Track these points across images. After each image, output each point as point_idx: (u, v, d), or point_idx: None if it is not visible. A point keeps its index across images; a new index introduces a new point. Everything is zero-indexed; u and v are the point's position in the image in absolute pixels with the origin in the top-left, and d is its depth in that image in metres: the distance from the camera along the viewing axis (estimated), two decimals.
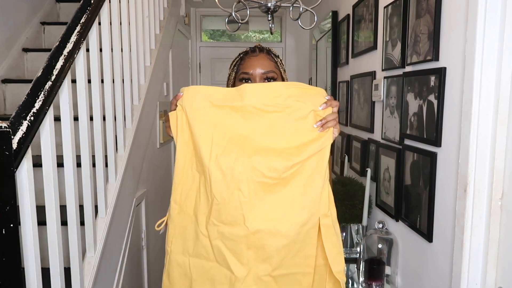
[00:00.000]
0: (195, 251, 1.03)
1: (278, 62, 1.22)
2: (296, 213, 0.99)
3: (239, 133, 1.00)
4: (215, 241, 1.00)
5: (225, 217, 0.98)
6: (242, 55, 1.23)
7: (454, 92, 1.25)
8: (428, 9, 1.40)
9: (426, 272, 1.44)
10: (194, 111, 1.01)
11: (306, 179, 1.00)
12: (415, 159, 1.50)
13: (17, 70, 2.79)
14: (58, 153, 1.31)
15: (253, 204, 0.97)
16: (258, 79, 1.15)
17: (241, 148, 0.99)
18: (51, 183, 1.27)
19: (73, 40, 1.38)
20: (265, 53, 1.21)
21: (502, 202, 1.12)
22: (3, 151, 0.99)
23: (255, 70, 1.15)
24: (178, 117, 1.03)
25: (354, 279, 1.82)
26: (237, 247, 0.99)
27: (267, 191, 0.99)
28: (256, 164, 0.98)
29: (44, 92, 1.21)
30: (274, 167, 0.98)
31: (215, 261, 1.01)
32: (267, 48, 1.25)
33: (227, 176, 0.97)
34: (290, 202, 0.99)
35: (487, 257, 1.14)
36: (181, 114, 1.03)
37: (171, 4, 3.18)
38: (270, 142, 1.00)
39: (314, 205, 1.00)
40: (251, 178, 0.97)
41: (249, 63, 1.17)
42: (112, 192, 1.81)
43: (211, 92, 1.02)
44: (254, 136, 1.00)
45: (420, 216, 1.45)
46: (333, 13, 2.92)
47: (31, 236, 1.15)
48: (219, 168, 0.98)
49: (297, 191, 0.99)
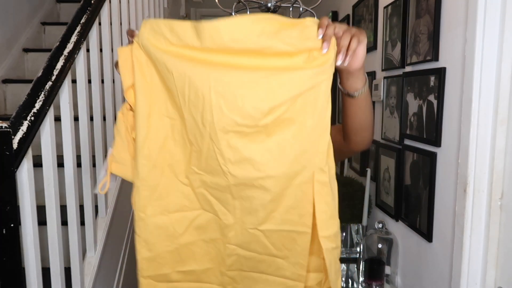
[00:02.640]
0: (176, 205, 0.90)
1: None
2: (282, 166, 0.83)
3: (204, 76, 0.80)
4: (199, 189, 0.88)
5: (205, 166, 0.85)
6: None
7: (454, 92, 1.25)
8: (428, 9, 1.40)
9: (426, 272, 1.44)
10: (155, 49, 0.81)
11: (296, 126, 0.82)
12: (415, 159, 1.50)
13: (17, 70, 2.79)
14: (58, 153, 1.31)
15: (230, 156, 0.82)
16: None
17: (208, 92, 0.79)
18: (51, 183, 1.27)
19: (73, 40, 1.39)
20: None
21: (502, 202, 1.12)
22: (4, 151, 1.00)
23: None
24: (134, 56, 0.83)
25: (354, 279, 1.82)
26: (222, 195, 0.87)
27: (248, 140, 0.82)
28: (225, 109, 0.79)
29: (44, 92, 1.21)
30: (248, 113, 0.79)
31: (201, 208, 0.90)
32: None
33: (198, 123, 0.82)
34: (276, 153, 0.82)
35: (487, 257, 1.14)
36: (139, 52, 0.83)
37: (171, 4, 3.18)
38: (240, 81, 0.80)
39: (307, 157, 0.83)
40: (222, 127, 0.80)
41: None
42: (112, 192, 1.81)
43: (174, 27, 0.80)
44: (222, 77, 0.80)
45: (420, 216, 1.46)
46: (333, 13, 2.93)
47: (31, 236, 1.15)
48: (190, 113, 0.82)
49: (285, 140, 0.82)
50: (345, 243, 1.94)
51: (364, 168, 2.08)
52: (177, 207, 0.90)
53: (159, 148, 0.88)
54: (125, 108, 0.89)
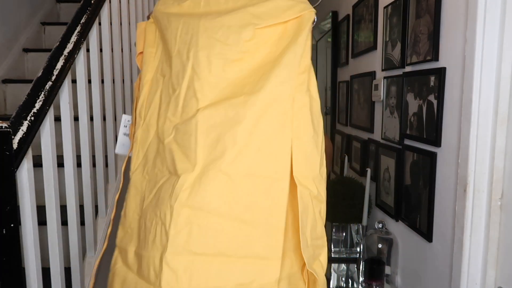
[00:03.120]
0: (154, 168, 0.95)
1: None
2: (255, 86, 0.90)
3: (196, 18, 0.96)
4: (169, 145, 0.91)
5: (181, 109, 0.91)
6: None
7: (454, 92, 1.25)
8: (428, 9, 1.40)
9: (426, 272, 1.44)
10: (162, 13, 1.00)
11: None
12: (415, 159, 1.50)
13: (17, 70, 2.79)
14: (58, 153, 1.31)
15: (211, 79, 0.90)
16: None
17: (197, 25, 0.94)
18: (51, 183, 1.27)
19: (73, 40, 1.39)
20: None
21: (501, 202, 1.12)
22: (4, 151, 1.00)
23: None
24: (147, 30, 1.02)
25: (354, 279, 1.82)
26: (188, 140, 0.88)
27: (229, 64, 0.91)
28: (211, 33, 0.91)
29: (44, 92, 1.21)
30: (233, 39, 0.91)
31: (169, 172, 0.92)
32: None
33: (183, 57, 0.92)
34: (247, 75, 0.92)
35: (486, 257, 1.14)
36: (152, 27, 1.02)
37: None
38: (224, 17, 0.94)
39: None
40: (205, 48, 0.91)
41: None
42: (112, 192, 1.81)
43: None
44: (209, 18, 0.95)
45: (420, 216, 1.46)
46: (333, 13, 2.93)
47: (31, 236, 1.15)
48: (178, 53, 0.93)
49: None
50: (345, 243, 1.94)
51: (364, 168, 2.08)
52: (153, 171, 0.96)
53: (150, 104, 0.99)
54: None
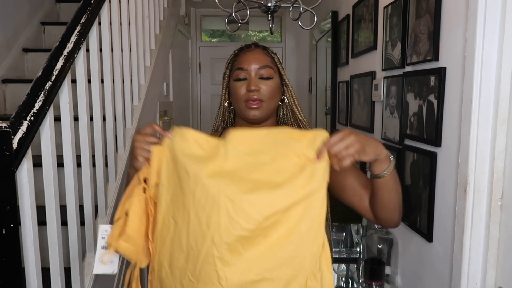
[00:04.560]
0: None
1: (276, 59, 1.13)
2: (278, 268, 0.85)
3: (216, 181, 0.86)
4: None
5: (199, 272, 0.85)
6: (237, 51, 1.14)
7: (454, 92, 1.25)
8: (428, 9, 1.40)
9: (426, 272, 1.44)
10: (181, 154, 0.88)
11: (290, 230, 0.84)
12: (415, 159, 1.50)
13: (17, 70, 2.79)
14: (58, 153, 1.31)
15: (229, 259, 0.83)
16: (254, 74, 1.06)
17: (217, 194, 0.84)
18: (51, 183, 1.27)
19: (73, 40, 1.39)
20: (261, 48, 1.12)
21: (502, 202, 1.12)
22: (3, 151, 1.00)
23: (250, 65, 1.06)
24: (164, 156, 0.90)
25: (354, 279, 1.82)
26: None
27: (246, 244, 0.84)
28: (232, 213, 0.83)
29: (44, 92, 1.21)
30: (252, 217, 0.82)
31: None
32: (264, 46, 1.16)
33: (202, 224, 0.84)
34: (271, 255, 0.84)
35: (487, 257, 1.14)
36: (167, 154, 0.90)
37: (171, 4, 3.18)
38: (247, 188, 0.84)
39: (300, 261, 0.85)
40: (227, 229, 0.83)
41: (244, 58, 1.09)
42: (112, 192, 1.81)
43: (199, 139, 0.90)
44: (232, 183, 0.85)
45: (420, 216, 1.45)
46: (333, 13, 2.93)
47: (31, 236, 1.15)
48: (196, 214, 0.85)
49: (280, 243, 0.84)
50: (345, 243, 1.94)
51: (364, 169, 2.08)
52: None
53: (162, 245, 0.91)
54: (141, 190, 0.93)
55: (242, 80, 1.06)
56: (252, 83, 1.04)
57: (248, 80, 1.06)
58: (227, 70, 1.13)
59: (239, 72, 1.07)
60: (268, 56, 1.10)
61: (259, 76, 1.06)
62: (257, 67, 1.06)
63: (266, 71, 1.06)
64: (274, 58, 1.12)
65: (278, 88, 1.10)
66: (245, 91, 1.05)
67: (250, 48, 1.11)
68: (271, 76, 1.07)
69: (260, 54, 1.09)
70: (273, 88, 1.07)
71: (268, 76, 1.06)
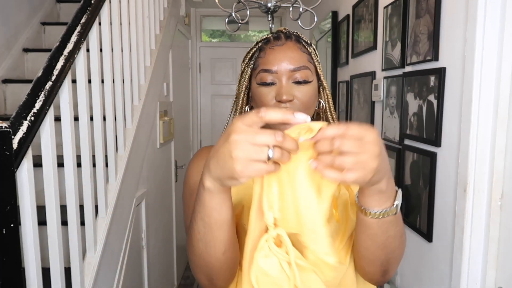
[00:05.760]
0: None
1: (312, 53, 0.84)
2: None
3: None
4: None
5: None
6: (262, 43, 0.84)
7: (454, 92, 1.25)
8: (428, 9, 1.40)
9: (426, 272, 1.44)
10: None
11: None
12: (415, 159, 1.50)
13: (17, 70, 2.79)
14: (58, 153, 1.31)
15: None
16: (286, 78, 0.79)
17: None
18: (51, 183, 1.27)
19: (73, 40, 1.39)
20: (294, 41, 0.83)
21: (501, 202, 1.12)
22: (4, 151, 1.00)
23: (280, 66, 0.79)
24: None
25: None
26: None
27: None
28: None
29: (44, 92, 1.21)
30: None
31: None
32: (296, 32, 0.86)
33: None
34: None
35: (487, 257, 1.14)
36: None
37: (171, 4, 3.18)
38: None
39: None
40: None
41: (271, 56, 0.80)
42: (112, 192, 1.81)
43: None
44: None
45: (420, 216, 1.46)
46: (333, 13, 2.93)
47: (31, 236, 1.15)
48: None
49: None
50: None
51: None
52: None
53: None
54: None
55: (270, 85, 0.80)
56: (284, 91, 0.78)
57: (278, 85, 0.80)
58: (247, 69, 0.85)
59: (265, 75, 0.80)
60: (304, 51, 0.83)
61: (292, 80, 0.80)
62: (290, 68, 0.79)
63: (302, 73, 0.80)
64: (311, 53, 0.84)
65: (316, 94, 0.84)
66: (274, 101, 0.79)
67: (280, 41, 0.83)
68: (309, 80, 0.80)
69: (294, 50, 0.81)
70: (311, 95, 0.81)
71: (304, 79, 0.80)
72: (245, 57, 0.87)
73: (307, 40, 0.86)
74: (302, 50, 0.82)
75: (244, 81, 0.86)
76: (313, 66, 0.84)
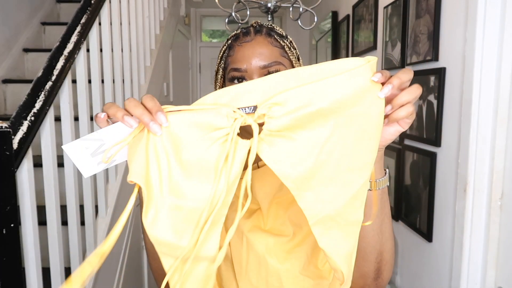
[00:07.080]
0: None
1: (286, 46, 0.77)
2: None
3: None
4: None
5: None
6: (231, 41, 0.79)
7: (453, 92, 1.25)
8: (428, 9, 1.40)
9: (426, 272, 1.44)
10: None
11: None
12: (415, 159, 1.50)
13: (17, 70, 2.79)
14: (58, 153, 1.31)
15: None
16: (257, 76, 0.73)
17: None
18: (52, 183, 1.27)
19: (73, 40, 1.39)
20: (264, 34, 0.76)
21: (501, 202, 1.12)
22: (4, 151, 1.00)
23: (249, 64, 0.73)
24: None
25: None
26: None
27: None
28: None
29: (44, 92, 1.21)
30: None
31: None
32: (268, 25, 0.80)
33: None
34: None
35: (487, 257, 1.14)
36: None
37: (171, 4, 3.18)
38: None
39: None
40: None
41: (240, 53, 0.75)
42: (113, 192, 1.81)
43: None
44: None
45: (419, 216, 1.46)
46: (333, 13, 2.93)
47: (31, 236, 1.15)
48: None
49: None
50: None
51: None
52: None
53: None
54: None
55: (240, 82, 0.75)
56: None
57: None
58: (220, 68, 0.81)
59: (235, 74, 0.75)
60: (275, 45, 0.76)
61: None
62: (260, 65, 0.73)
63: (274, 70, 0.73)
64: (285, 46, 0.77)
65: None
66: None
67: (249, 36, 0.77)
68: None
69: (264, 45, 0.75)
70: None
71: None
72: (218, 56, 0.82)
73: (281, 32, 0.80)
74: (274, 45, 0.76)
75: (218, 82, 0.82)
76: (288, 61, 0.77)
